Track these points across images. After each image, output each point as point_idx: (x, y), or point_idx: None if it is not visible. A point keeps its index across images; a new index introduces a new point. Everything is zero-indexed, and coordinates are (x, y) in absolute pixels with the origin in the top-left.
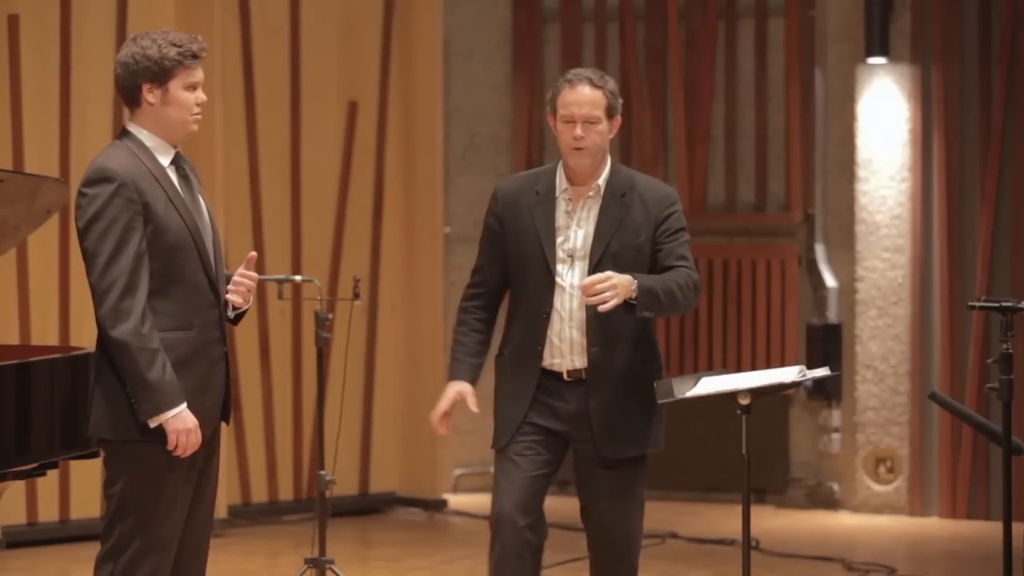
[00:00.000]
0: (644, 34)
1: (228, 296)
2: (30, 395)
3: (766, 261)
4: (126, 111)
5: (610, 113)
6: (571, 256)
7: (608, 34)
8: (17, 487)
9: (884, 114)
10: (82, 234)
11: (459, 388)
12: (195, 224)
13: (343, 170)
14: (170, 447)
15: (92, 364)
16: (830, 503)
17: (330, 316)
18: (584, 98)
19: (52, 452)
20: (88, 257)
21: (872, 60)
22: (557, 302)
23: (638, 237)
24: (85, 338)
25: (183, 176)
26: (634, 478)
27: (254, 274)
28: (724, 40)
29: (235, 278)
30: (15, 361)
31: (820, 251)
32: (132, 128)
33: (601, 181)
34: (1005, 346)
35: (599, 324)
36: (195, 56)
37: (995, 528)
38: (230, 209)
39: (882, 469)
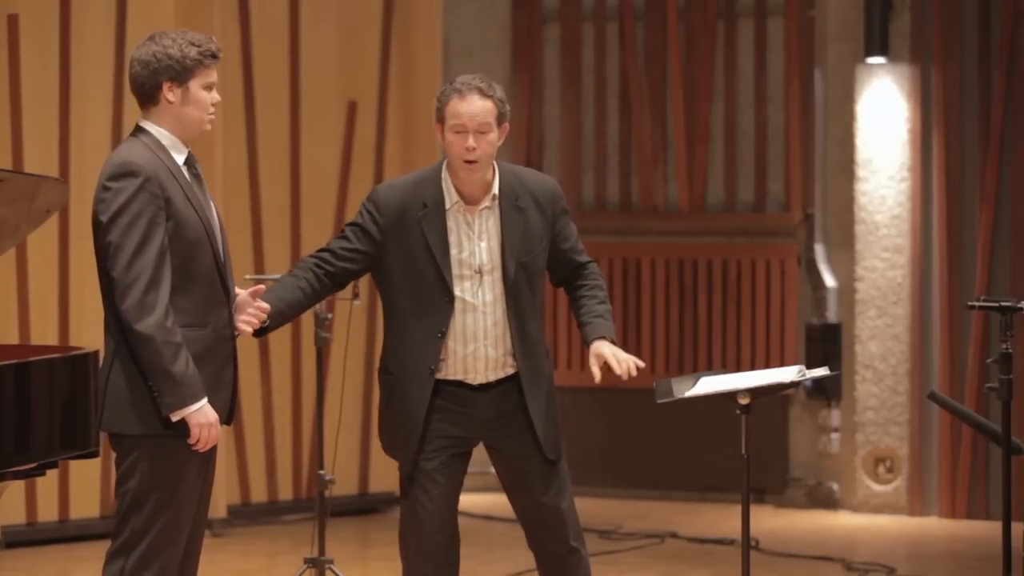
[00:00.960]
0: (644, 34)
1: (239, 325)
2: (30, 395)
3: (766, 261)
4: (133, 108)
5: (500, 121)
6: (479, 272)
7: (608, 34)
8: (16, 487)
9: (884, 114)
10: (106, 228)
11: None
12: (208, 221)
13: (343, 170)
14: (192, 441)
15: (91, 362)
16: (830, 503)
17: (329, 316)
18: (475, 107)
19: (52, 452)
20: (112, 251)
21: (872, 60)
22: (468, 320)
23: (540, 241)
24: (85, 338)
25: (195, 175)
26: (561, 463)
27: (266, 306)
28: (724, 40)
29: (249, 309)
30: (15, 361)
31: (820, 251)
32: (147, 126)
33: (496, 190)
34: (1005, 346)
35: (521, 336)
36: (214, 56)
37: (995, 528)
38: (230, 209)
39: (881, 469)
